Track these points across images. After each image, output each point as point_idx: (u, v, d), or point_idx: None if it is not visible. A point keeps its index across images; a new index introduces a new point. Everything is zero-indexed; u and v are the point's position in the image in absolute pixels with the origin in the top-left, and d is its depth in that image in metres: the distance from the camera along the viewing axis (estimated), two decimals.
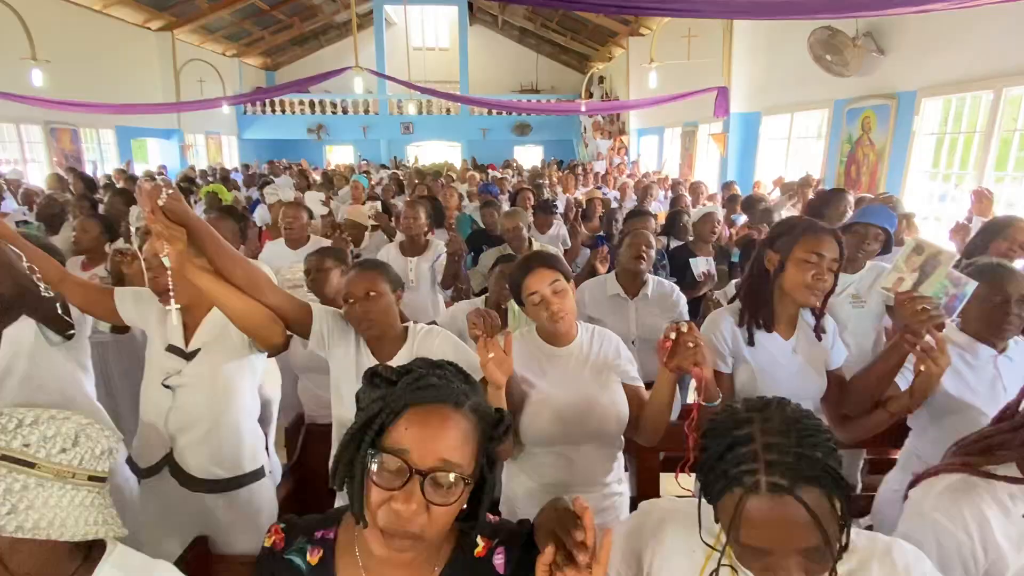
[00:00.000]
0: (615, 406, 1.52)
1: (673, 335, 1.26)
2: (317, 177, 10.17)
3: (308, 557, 0.89)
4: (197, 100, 12.09)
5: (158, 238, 1.28)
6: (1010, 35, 4.53)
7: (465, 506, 0.83)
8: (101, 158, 11.18)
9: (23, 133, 9.51)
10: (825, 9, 4.48)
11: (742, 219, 4.99)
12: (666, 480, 2.20)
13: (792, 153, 8.13)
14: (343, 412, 1.70)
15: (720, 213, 4.12)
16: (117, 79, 11.28)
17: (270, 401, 2.37)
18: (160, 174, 9.62)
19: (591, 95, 16.16)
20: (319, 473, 2.30)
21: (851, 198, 3.32)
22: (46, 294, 1.67)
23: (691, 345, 1.24)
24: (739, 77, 8.75)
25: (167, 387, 1.66)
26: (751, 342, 1.64)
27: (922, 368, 1.35)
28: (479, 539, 0.89)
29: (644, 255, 2.57)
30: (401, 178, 9.19)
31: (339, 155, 18.27)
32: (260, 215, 5.78)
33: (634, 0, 4.61)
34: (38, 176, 8.87)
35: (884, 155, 5.98)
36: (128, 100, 10.49)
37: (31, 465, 0.80)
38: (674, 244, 4.02)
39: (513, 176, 10.51)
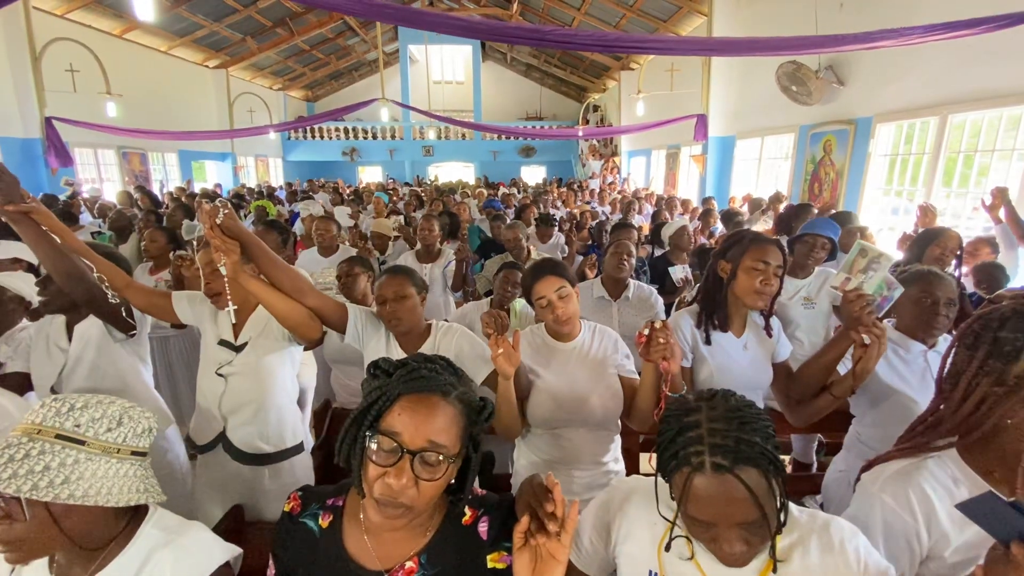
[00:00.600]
0: (610, 395, 1.52)
1: (647, 331, 1.26)
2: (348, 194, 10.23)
3: (320, 521, 0.91)
4: (247, 128, 12.22)
5: (216, 250, 1.32)
6: (954, 67, 4.48)
7: (454, 480, 0.84)
8: (166, 177, 11.32)
9: (100, 157, 9.67)
10: (789, 47, 4.45)
11: (720, 229, 4.97)
12: (644, 460, 2.21)
13: (763, 172, 8.07)
14: None
15: (691, 224, 4.11)
16: (179, 110, 11.43)
17: (307, 388, 2.40)
18: (216, 192, 9.72)
19: (587, 121, 16.13)
20: None
21: (816, 211, 3.29)
22: (113, 300, 1.71)
23: (661, 341, 1.25)
24: (716, 105, 8.70)
25: (220, 375, 1.69)
26: (708, 341, 1.64)
27: (861, 356, 1.35)
28: (467, 509, 0.90)
29: (625, 263, 2.58)
30: (421, 194, 9.24)
31: (369, 175, 18.35)
32: (300, 227, 5.83)
33: (618, 40, 4.61)
34: (113, 194, 9.02)
35: (843, 173, 5.92)
36: (189, 128, 10.63)
37: (82, 443, 0.82)
38: (659, 252, 4.02)
39: (519, 192, 10.53)
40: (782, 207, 4.94)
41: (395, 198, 8.89)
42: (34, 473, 0.77)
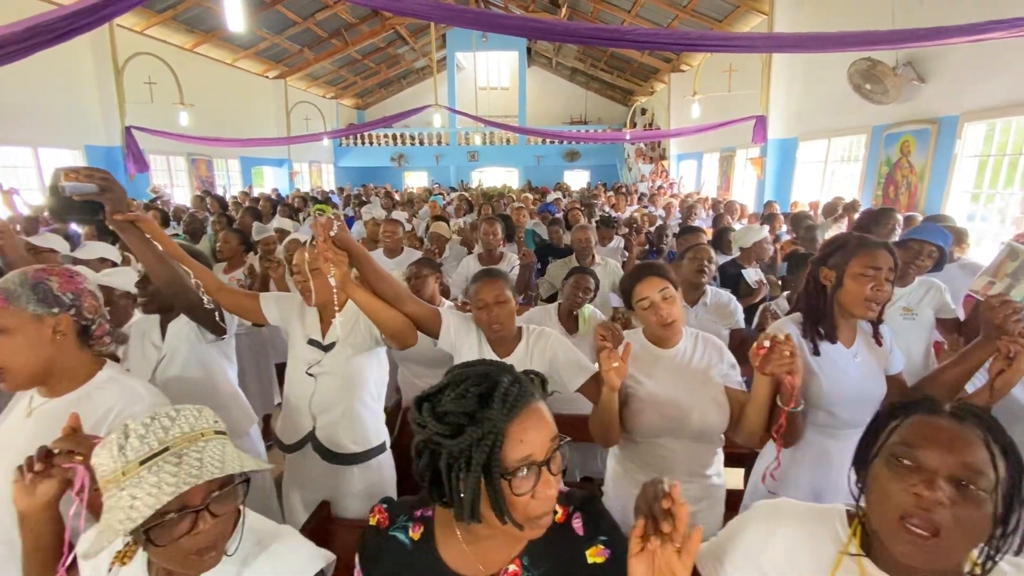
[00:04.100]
0: (714, 406, 1.44)
1: (767, 343, 1.17)
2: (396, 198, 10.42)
3: (410, 533, 0.88)
4: (303, 135, 12.70)
5: (326, 261, 1.33)
6: None
7: None
8: (228, 182, 11.92)
9: (171, 163, 10.28)
10: (867, 42, 4.18)
11: (785, 234, 4.74)
12: (728, 475, 2.07)
13: (828, 175, 7.65)
14: None
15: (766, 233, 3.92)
16: (242, 118, 12.01)
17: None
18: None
19: (635, 125, 15.87)
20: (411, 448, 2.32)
21: (900, 217, 3.06)
22: (207, 305, 1.75)
23: (786, 355, 1.15)
24: (777, 106, 8.33)
25: (310, 375, 1.70)
26: (816, 352, 1.51)
27: (1002, 369, 1.20)
28: (557, 507, 0.85)
29: (705, 269, 2.46)
30: (470, 199, 9.30)
31: (414, 180, 18.72)
32: (356, 230, 5.96)
33: (684, 38, 4.45)
34: (180, 198, 9.56)
35: (924, 177, 5.51)
36: (250, 136, 11.15)
37: (225, 434, 0.84)
38: (721, 259, 3.85)
39: (565, 197, 10.43)
40: (856, 216, 4.63)
41: (445, 203, 8.98)
42: (233, 456, 0.79)
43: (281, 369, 3.25)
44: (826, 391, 1.48)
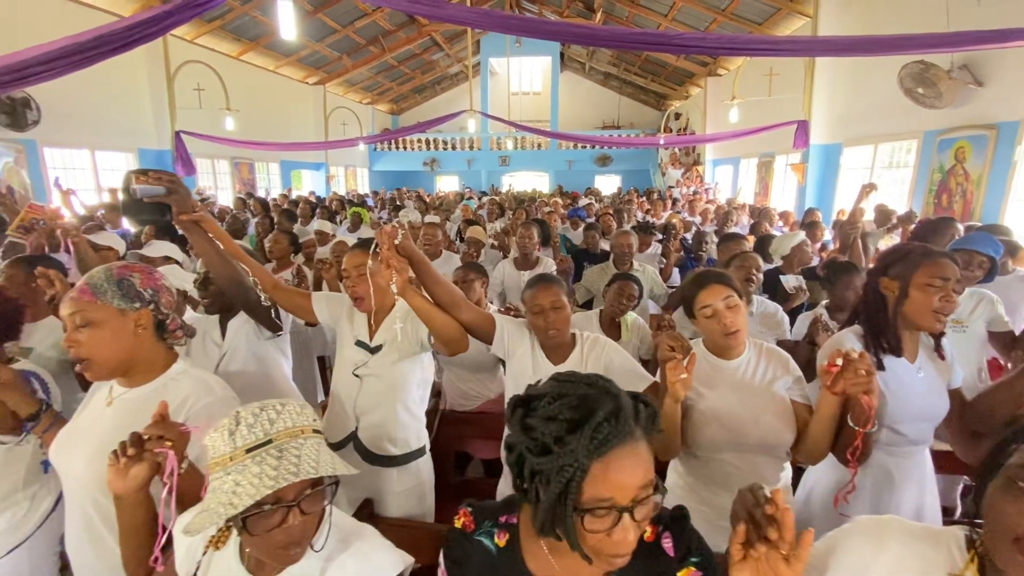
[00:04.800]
0: (780, 420, 1.39)
1: (840, 360, 1.13)
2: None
3: (496, 539, 0.88)
4: (340, 140, 13.04)
5: (389, 268, 1.36)
6: None
7: None
8: (268, 185, 12.33)
9: (215, 166, 10.70)
10: (922, 45, 4.02)
11: (830, 242, 4.58)
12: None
13: (875, 182, 7.37)
14: None
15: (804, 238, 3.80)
16: (283, 123, 12.39)
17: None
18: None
19: (670, 130, 15.66)
20: (448, 451, 2.35)
21: (960, 227, 2.91)
22: (265, 303, 1.82)
23: (862, 374, 1.11)
24: (820, 110, 8.08)
25: (356, 376, 1.73)
26: (880, 366, 1.44)
27: None
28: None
29: (753, 277, 2.41)
30: (502, 203, 9.35)
31: (446, 184, 18.94)
32: None
33: (730, 42, 4.36)
34: (224, 200, 9.94)
35: (981, 184, 5.25)
36: (290, 140, 11.51)
37: (321, 433, 0.86)
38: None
39: (597, 202, 10.37)
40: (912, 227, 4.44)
41: (477, 207, 9.05)
42: (328, 459, 0.81)
43: (321, 363, 3.34)
44: (890, 408, 1.42)
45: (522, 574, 0.84)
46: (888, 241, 4.21)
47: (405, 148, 17.52)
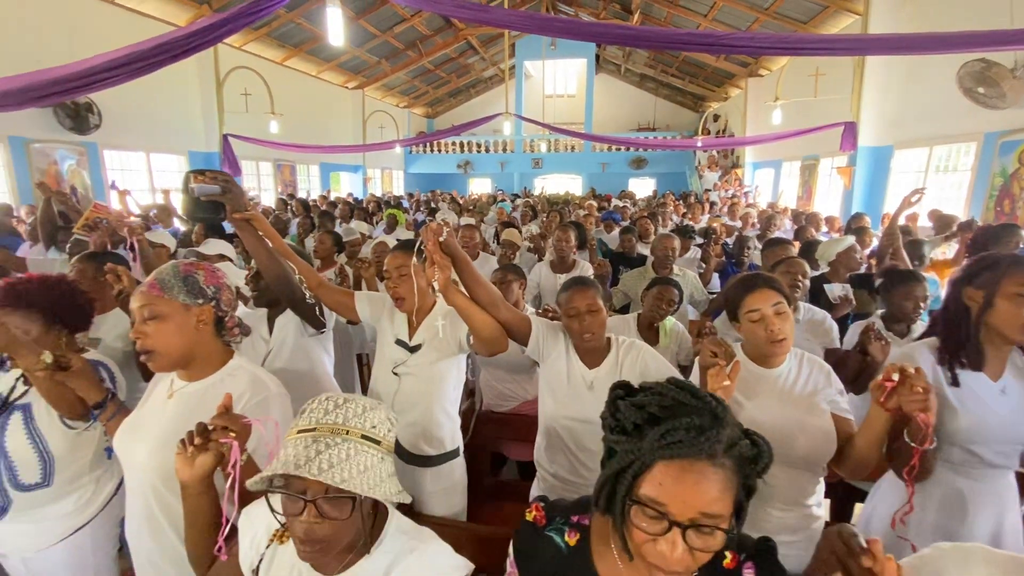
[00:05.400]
0: (821, 434, 1.34)
1: (895, 376, 1.08)
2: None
3: (566, 537, 0.87)
4: (377, 143, 13.32)
5: (432, 266, 1.38)
6: None
7: None
8: (309, 186, 12.71)
9: (259, 168, 11.11)
10: (987, 42, 3.80)
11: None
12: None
13: (928, 186, 7.02)
14: (550, 409, 1.67)
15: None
16: (323, 127, 12.78)
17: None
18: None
19: (708, 132, 15.32)
20: (485, 450, 2.36)
21: None
22: (309, 301, 1.87)
23: (920, 390, 1.06)
24: (869, 112, 7.74)
25: (395, 375, 1.76)
26: (955, 382, 1.36)
27: None
28: (726, 551, 0.81)
29: (800, 284, 2.32)
30: (535, 206, 9.34)
31: (478, 186, 19.09)
32: None
33: (772, 41, 4.23)
34: (267, 201, 10.30)
35: None
36: (330, 143, 11.84)
37: (378, 443, 0.86)
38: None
39: (633, 206, 10.23)
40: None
41: (512, 209, 9.08)
42: (362, 472, 0.80)
43: (359, 361, 3.41)
44: (964, 427, 1.34)
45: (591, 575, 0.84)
46: (945, 249, 3.99)
47: (439, 151, 17.76)
